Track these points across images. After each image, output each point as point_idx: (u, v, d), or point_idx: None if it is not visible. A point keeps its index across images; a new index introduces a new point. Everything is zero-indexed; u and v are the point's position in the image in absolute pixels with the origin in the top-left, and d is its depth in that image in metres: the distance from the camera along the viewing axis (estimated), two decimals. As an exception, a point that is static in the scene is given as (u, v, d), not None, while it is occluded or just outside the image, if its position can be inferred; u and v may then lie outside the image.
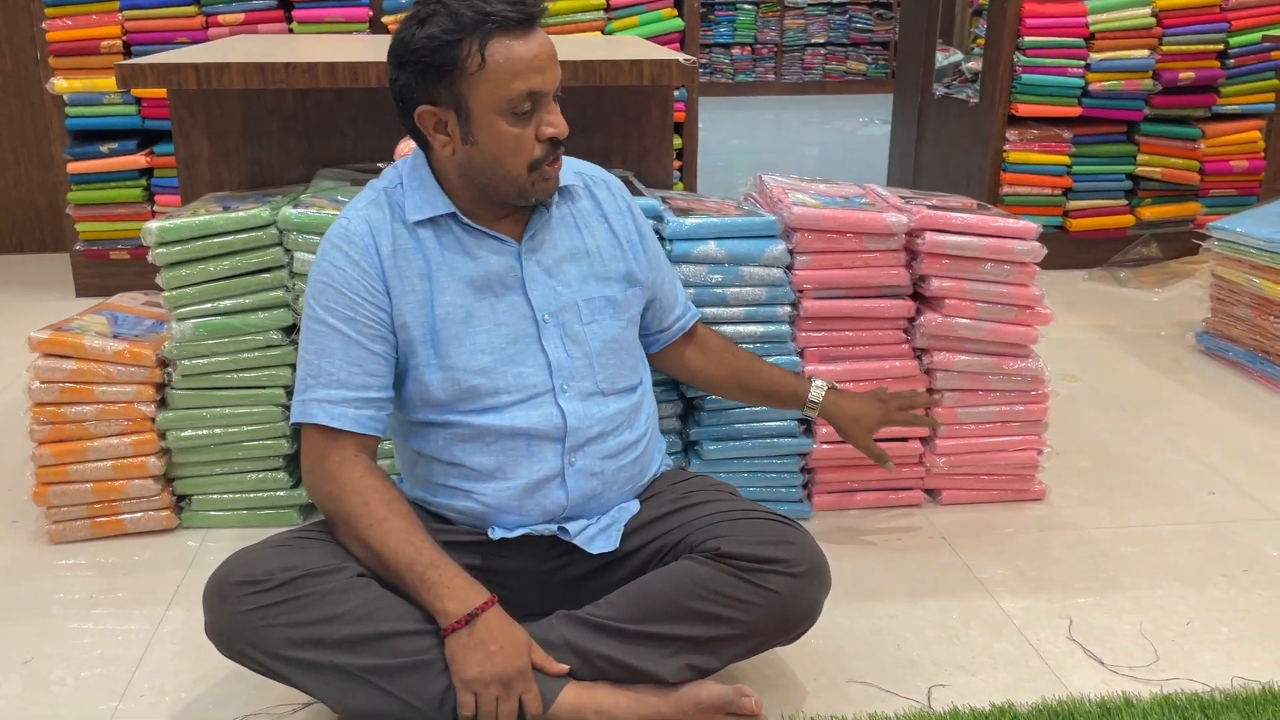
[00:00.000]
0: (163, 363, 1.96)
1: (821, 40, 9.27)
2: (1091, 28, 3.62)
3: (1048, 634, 1.69)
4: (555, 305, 1.51)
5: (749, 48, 9.21)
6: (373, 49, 2.30)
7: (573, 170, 1.57)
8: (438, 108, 1.40)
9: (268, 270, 1.93)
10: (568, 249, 1.54)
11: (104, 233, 3.42)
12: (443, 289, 1.47)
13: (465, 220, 1.47)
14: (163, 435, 1.97)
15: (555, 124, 1.41)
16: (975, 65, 4.31)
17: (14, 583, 1.86)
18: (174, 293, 1.91)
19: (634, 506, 1.57)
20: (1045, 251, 1.99)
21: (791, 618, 1.44)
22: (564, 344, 1.52)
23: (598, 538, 1.53)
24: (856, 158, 6.45)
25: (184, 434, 1.97)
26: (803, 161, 6.50)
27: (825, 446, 2.04)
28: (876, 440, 1.85)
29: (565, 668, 1.41)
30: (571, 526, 1.53)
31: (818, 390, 1.80)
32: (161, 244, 1.89)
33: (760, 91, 9.17)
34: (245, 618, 1.35)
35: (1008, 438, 2.09)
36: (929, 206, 2.00)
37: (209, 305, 1.92)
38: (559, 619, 1.47)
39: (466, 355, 1.47)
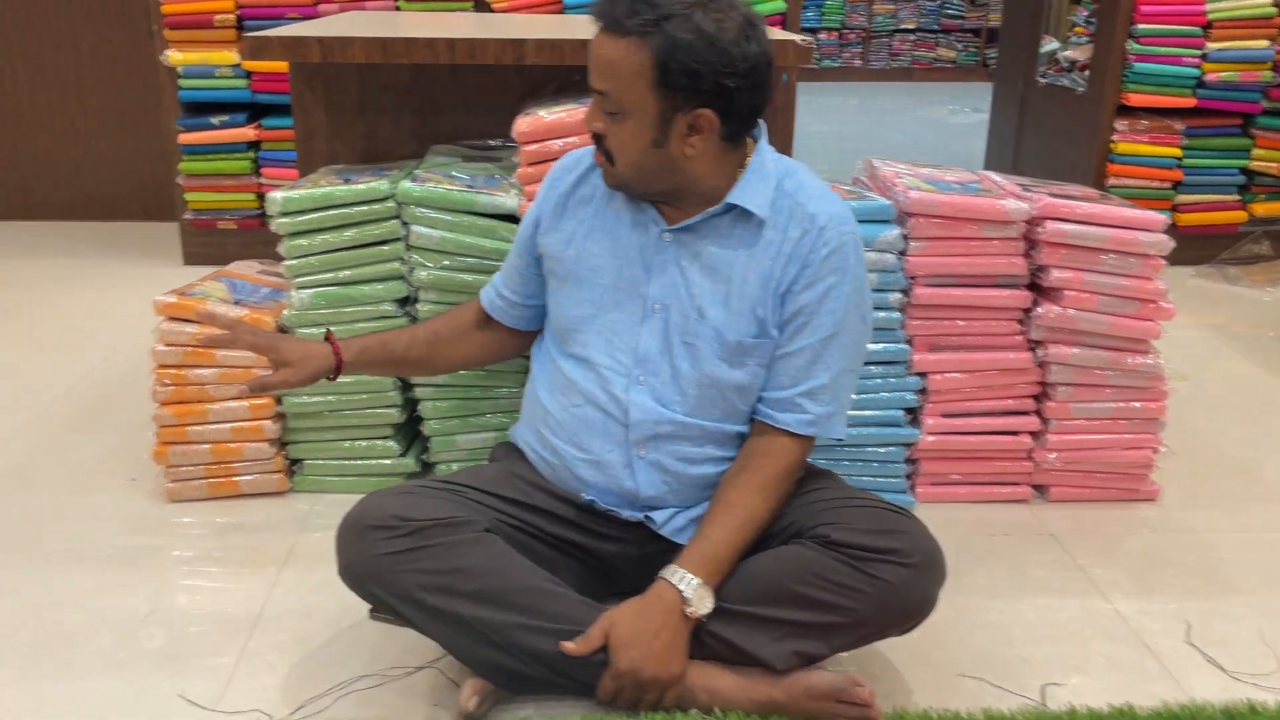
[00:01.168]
0: (282, 329, 2.00)
1: (911, 26, 9.12)
2: (1209, 16, 3.50)
3: (1164, 637, 1.65)
4: (669, 301, 1.50)
5: (836, 32, 9.09)
6: (480, 27, 2.32)
7: (791, 204, 1.48)
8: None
9: (384, 243, 1.96)
10: (717, 261, 1.48)
11: (212, 203, 3.51)
12: (588, 236, 1.55)
13: None
14: (278, 400, 2.01)
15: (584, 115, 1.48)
16: (1072, 53, 4.19)
17: (134, 538, 1.92)
18: (295, 262, 1.95)
19: None
20: (1172, 244, 1.94)
21: (904, 609, 1.43)
22: (660, 342, 1.50)
23: (686, 528, 1.53)
24: (946, 146, 6.33)
25: (299, 400, 2.01)
26: (891, 149, 6.39)
27: (931, 438, 2.02)
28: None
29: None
30: (657, 516, 1.53)
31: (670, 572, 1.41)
32: (284, 214, 1.93)
33: (846, 77, 9.05)
34: (377, 561, 1.40)
35: (1122, 435, 2.04)
36: (1049, 195, 1.96)
37: (328, 275, 1.96)
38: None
39: (573, 301, 1.56)
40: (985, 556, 1.89)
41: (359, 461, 2.07)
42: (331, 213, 1.93)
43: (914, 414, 2.03)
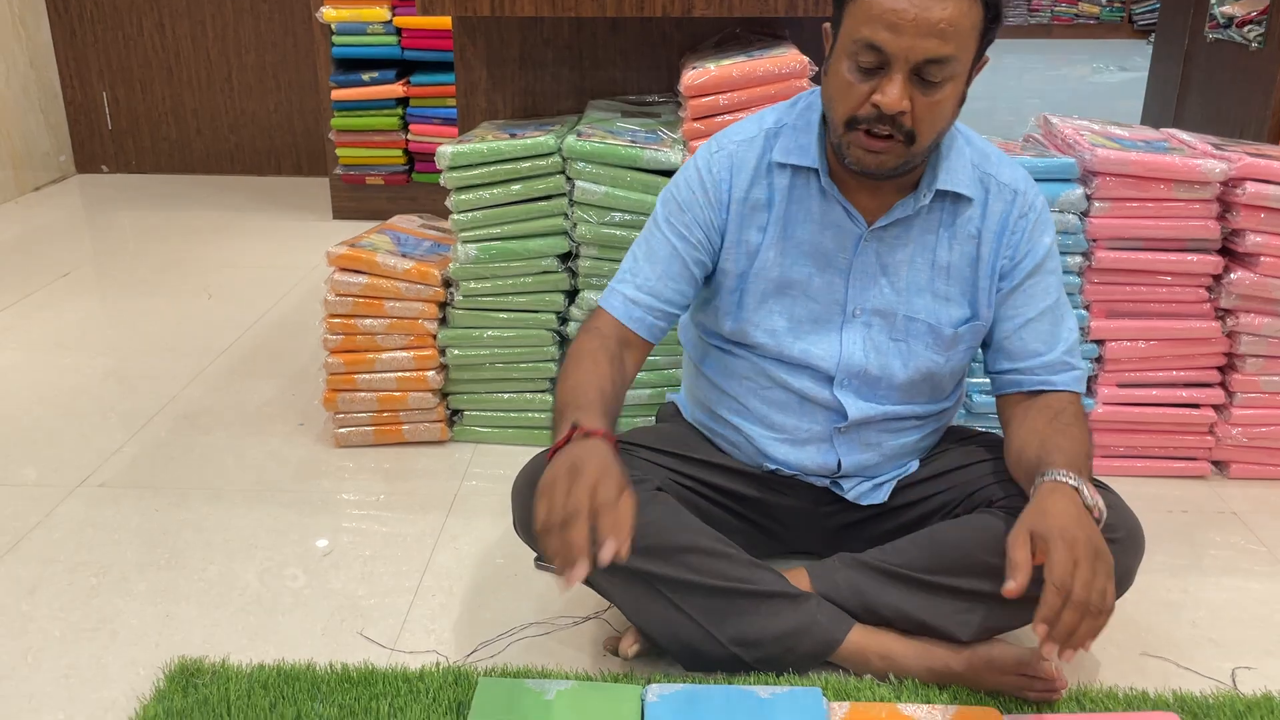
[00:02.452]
0: (446, 282, 2.03)
1: (1052, -20, 8.72)
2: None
3: (1366, 625, 1.56)
4: (873, 304, 1.43)
5: (973, -13, 8.73)
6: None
7: (982, 176, 1.40)
8: (831, 26, 1.33)
9: (549, 198, 1.97)
10: (918, 251, 1.41)
11: (361, 158, 3.58)
12: (771, 246, 1.42)
13: (825, 181, 1.39)
14: (442, 352, 2.05)
15: (887, 94, 1.24)
16: (1229, 9, 3.94)
17: (305, 480, 2.00)
18: (461, 216, 1.98)
19: (913, 465, 1.53)
20: (1385, 209, 1.80)
21: None
22: (864, 346, 1.44)
23: (871, 493, 1.51)
24: (1089, 105, 6.05)
25: (461, 352, 2.04)
26: (1026, 109, 6.14)
27: (1104, 408, 1.94)
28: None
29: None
30: (845, 483, 1.50)
31: (1049, 473, 1.27)
32: (453, 168, 1.95)
33: (983, 34, 8.69)
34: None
35: (1313, 411, 1.92)
36: (1248, 154, 1.84)
37: (493, 229, 1.98)
38: (842, 562, 1.46)
39: (763, 316, 1.45)
40: (1163, 534, 1.81)
41: (517, 413, 2.10)
42: (498, 167, 1.95)
43: (1089, 383, 1.95)
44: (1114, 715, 1.31)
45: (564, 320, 2.05)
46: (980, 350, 1.50)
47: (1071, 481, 1.25)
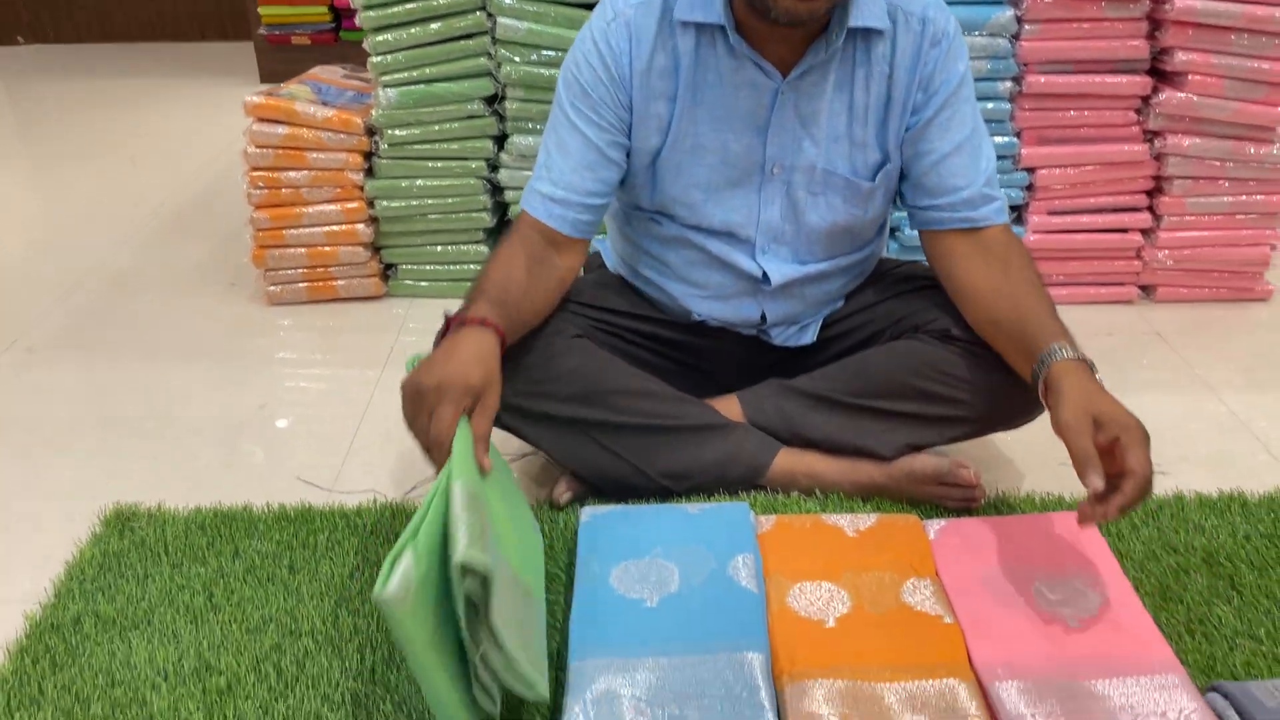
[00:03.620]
0: (370, 131, 1.98)
1: None
2: None
3: (1276, 430, 1.61)
4: (791, 160, 1.37)
5: None
6: None
7: (891, 8, 1.32)
8: None
9: (470, 36, 1.91)
10: (836, 96, 1.34)
11: (284, 16, 3.45)
12: (681, 116, 1.35)
13: (734, 38, 1.30)
14: (371, 204, 2.02)
15: None
16: None
17: (240, 339, 1.98)
18: (380, 58, 1.92)
19: (839, 304, 1.54)
20: (1311, 22, 1.79)
21: (1021, 405, 1.40)
22: (781, 207, 1.40)
23: (796, 336, 1.51)
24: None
25: (390, 203, 2.01)
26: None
27: (1035, 236, 1.95)
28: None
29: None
30: (773, 331, 1.51)
31: (1058, 351, 1.25)
32: (369, 6, 1.88)
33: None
34: (470, 371, 1.40)
35: (1238, 231, 1.95)
36: (1178, -30, 1.81)
37: (415, 72, 1.92)
38: (771, 389, 1.48)
39: (680, 188, 1.40)
40: (1091, 356, 1.84)
41: (452, 266, 2.08)
42: (416, 4, 1.88)
43: (1019, 212, 1.96)
44: (1028, 516, 1.35)
45: (494, 168, 2.01)
46: (899, 185, 1.47)
47: (1082, 357, 1.25)
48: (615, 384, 1.41)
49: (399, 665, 1.17)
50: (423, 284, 2.10)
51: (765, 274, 1.43)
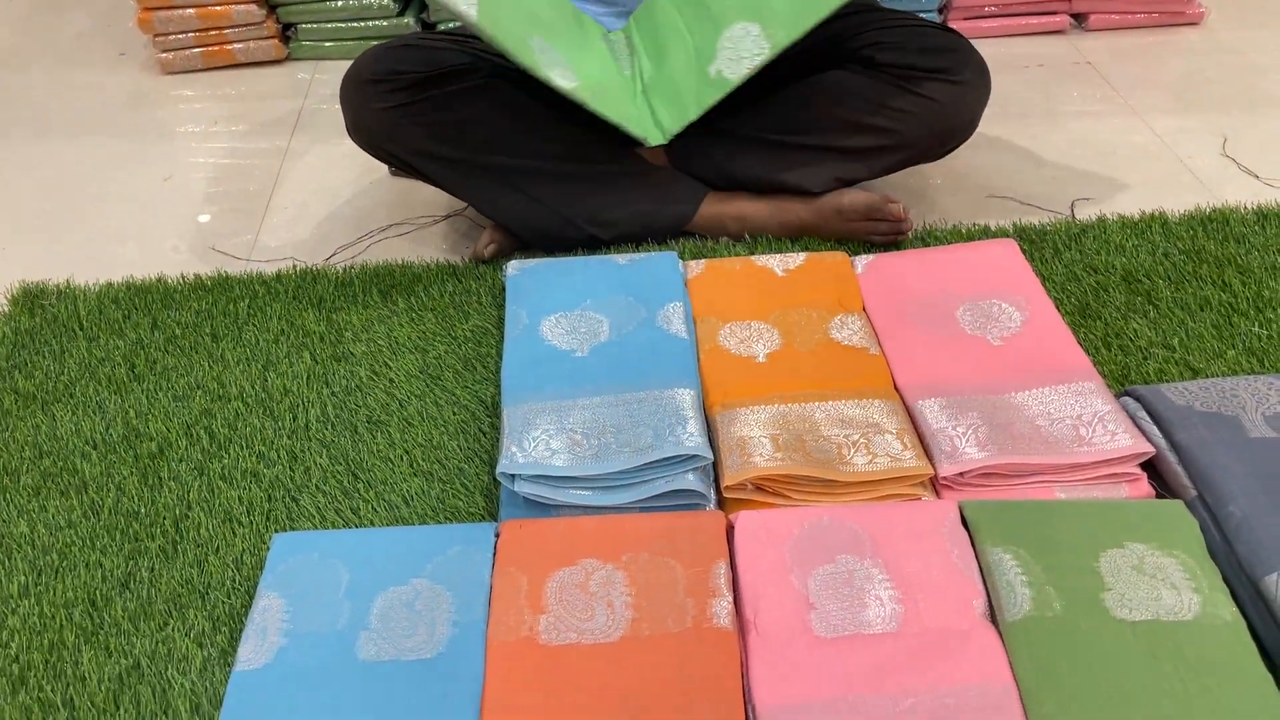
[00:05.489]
0: None
1: None
2: None
3: (1201, 152, 1.62)
4: None
5: None
6: None
7: None
8: None
9: None
10: None
11: None
12: None
13: None
14: (260, -45, 1.86)
15: None
16: None
17: (136, 111, 1.86)
18: None
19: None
20: None
21: (949, 129, 1.37)
22: None
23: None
24: None
25: (282, -46, 1.86)
26: None
27: (967, -36, 1.87)
28: None
29: None
30: None
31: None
32: None
33: None
34: (383, 115, 1.33)
35: (1172, -49, 1.89)
36: None
37: None
38: (695, 132, 1.43)
39: None
40: (1020, 86, 1.82)
41: (355, 23, 1.95)
42: None
43: (950, -61, 1.87)
44: (955, 247, 1.36)
45: (392, -92, 1.85)
46: None
47: None
48: (539, 129, 1.36)
49: (333, 422, 1.17)
50: (326, 44, 1.97)
51: None
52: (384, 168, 1.63)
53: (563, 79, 1.23)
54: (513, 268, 1.33)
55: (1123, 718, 0.80)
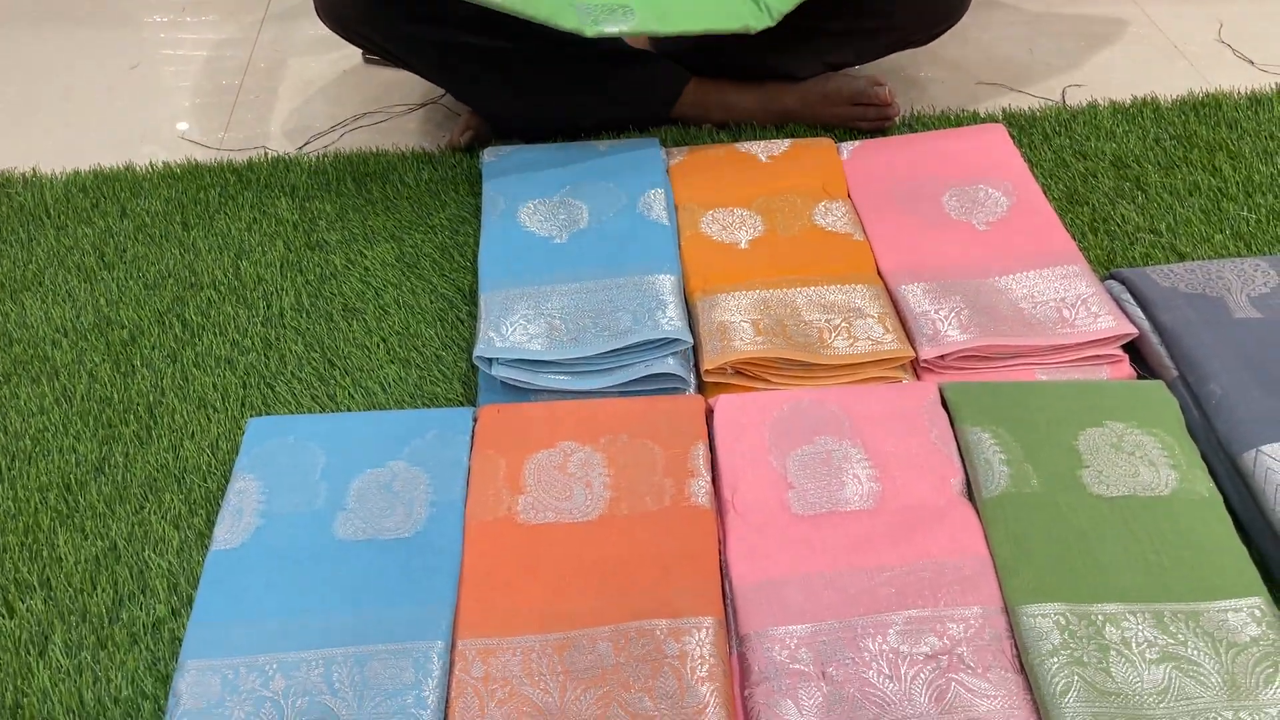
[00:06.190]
0: None
1: None
2: None
3: (1195, 37, 1.58)
4: None
5: None
6: None
7: None
8: None
9: None
10: None
11: None
12: None
13: None
14: None
15: None
16: None
17: (100, 1, 1.80)
18: None
19: None
20: None
21: (939, 10, 1.34)
22: None
23: None
24: None
25: None
26: None
27: None
28: None
29: None
30: None
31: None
32: None
33: None
34: (355, -4, 1.28)
35: None
36: None
37: None
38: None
39: None
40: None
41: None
42: None
43: None
44: (942, 132, 1.33)
45: None
46: None
47: None
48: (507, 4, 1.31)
49: (307, 310, 1.15)
50: (297, -72, 1.89)
51: None
52: (357, 56, 1.59)
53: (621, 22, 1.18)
54: (490, 154, 1.30)
55: (1096, 588, 0.80)
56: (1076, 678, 0.75)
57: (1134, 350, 1.04)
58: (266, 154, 1.38)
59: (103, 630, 0.85)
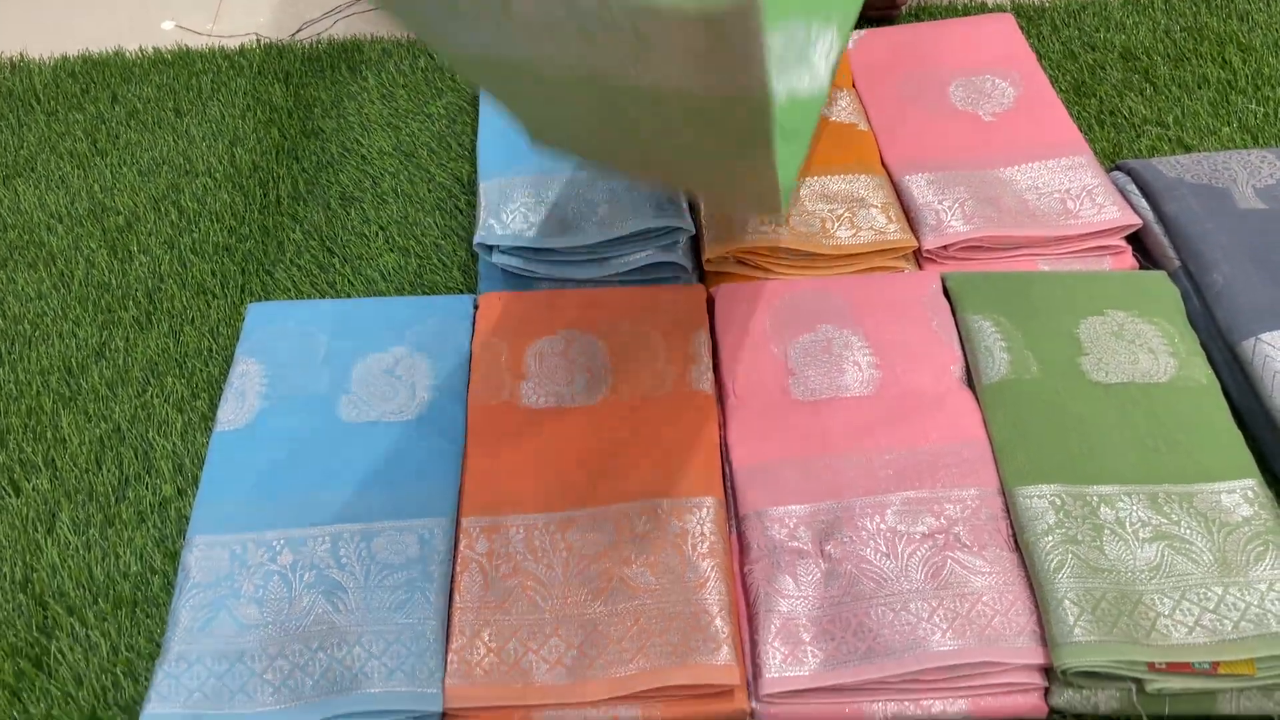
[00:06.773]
0: None
1: None
2: None
3: (1210, -72, 1.54)
4: None
5: None
6: None
7: None
8: None
9: None
10: None
11: None
12: None
13: None
14: None
15: None
16: None
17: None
18: None
19: None
20: None
21: None
22: None
23: None
24: None
25: None
26: None
27: None
28: None
29: None
30: None
31: None
32: None
33: None
34: None
35: None
36: None
37: None
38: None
39: None
40: None
41: None
42: None
43: None
44: (950, 22, 1.30)
45: None
46: None
47: None
48: None
49: (304, 197, 1.13)
50: None
51: None
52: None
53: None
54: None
55: (1092, 470, 0.81)
56: (1070, 555, 0.76)
57: (1137, 241, 1.03)
58: (259, 41, 1.35)
59: (109, 509, 0.86)
